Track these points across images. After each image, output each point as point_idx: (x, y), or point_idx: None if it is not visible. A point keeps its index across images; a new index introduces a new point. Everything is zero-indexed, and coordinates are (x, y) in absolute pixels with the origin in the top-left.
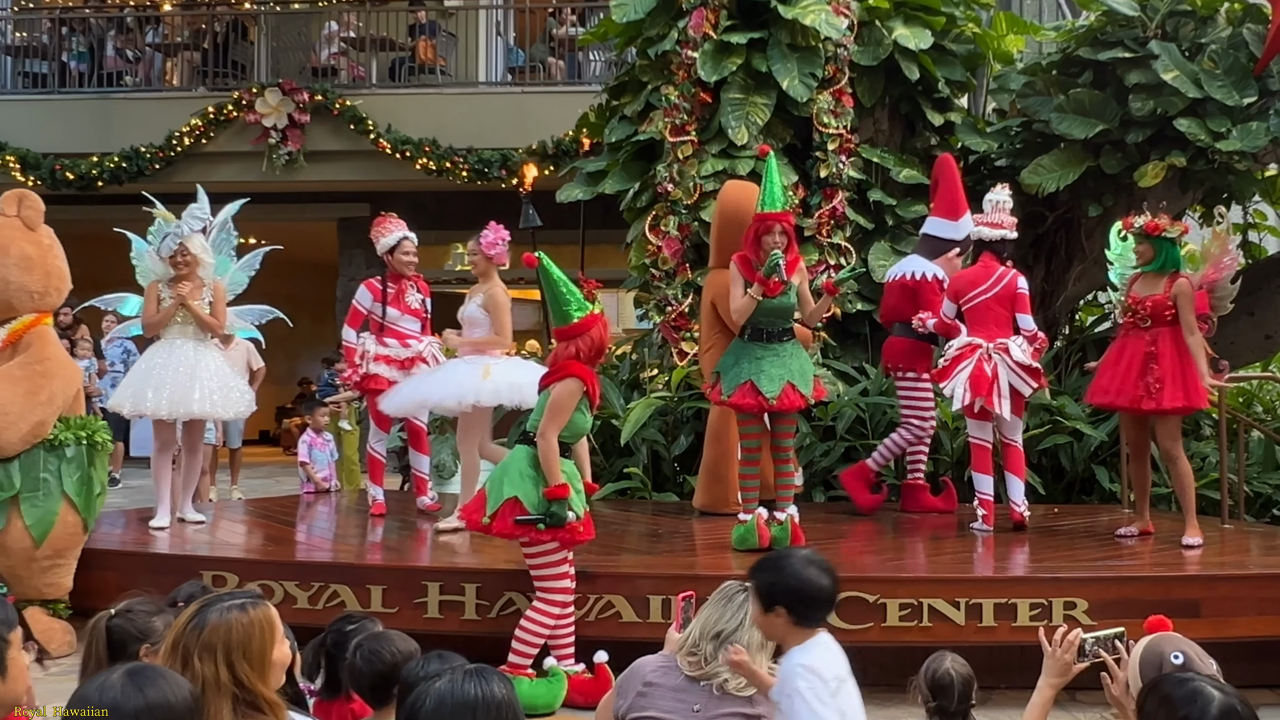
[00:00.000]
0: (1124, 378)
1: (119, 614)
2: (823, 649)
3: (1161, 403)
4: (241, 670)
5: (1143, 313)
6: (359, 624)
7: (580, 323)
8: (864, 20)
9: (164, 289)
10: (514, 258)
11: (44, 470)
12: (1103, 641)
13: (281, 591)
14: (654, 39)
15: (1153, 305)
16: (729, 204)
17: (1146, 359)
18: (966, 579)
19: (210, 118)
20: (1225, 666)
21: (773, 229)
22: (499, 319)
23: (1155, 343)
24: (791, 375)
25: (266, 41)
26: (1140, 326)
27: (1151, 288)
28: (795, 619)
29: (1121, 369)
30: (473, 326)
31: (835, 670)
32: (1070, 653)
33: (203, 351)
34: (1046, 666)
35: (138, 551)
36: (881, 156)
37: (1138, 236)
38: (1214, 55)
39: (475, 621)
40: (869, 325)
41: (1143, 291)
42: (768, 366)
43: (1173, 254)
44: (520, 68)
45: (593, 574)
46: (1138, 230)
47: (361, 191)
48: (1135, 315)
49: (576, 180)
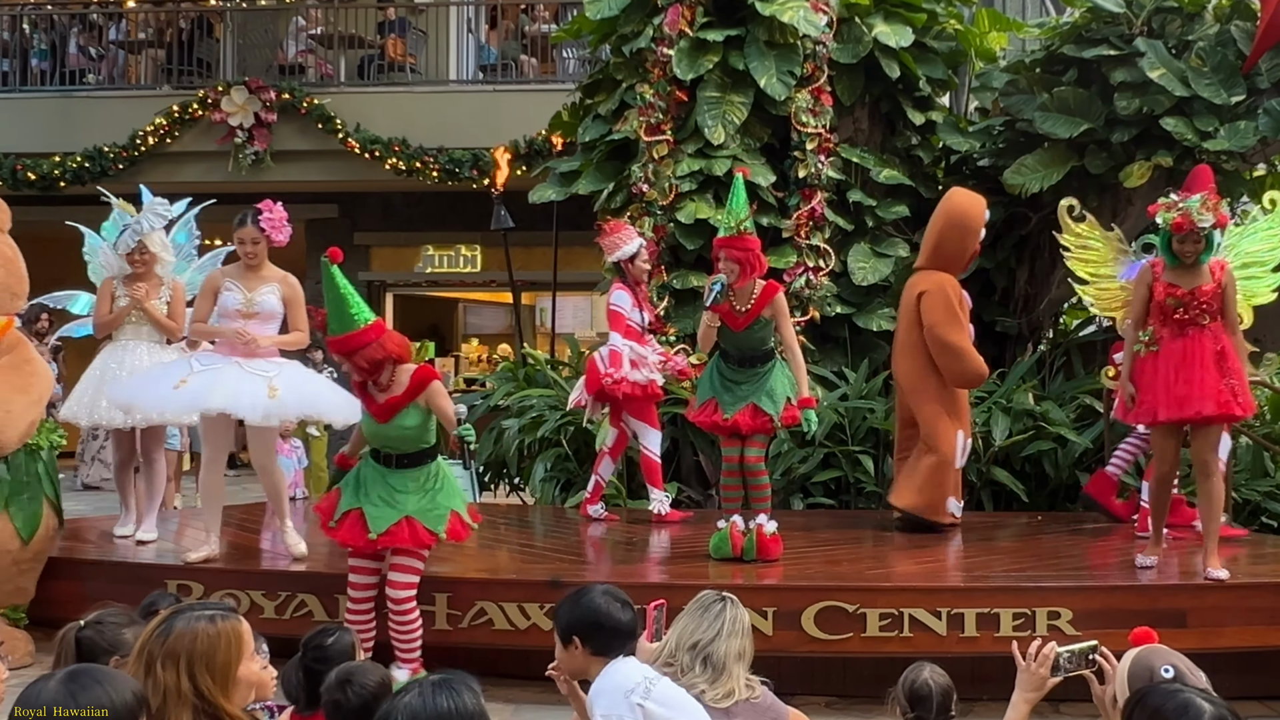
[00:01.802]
0: (1202, 382)
1: (89, 625)
2: (614, 667)
3: (1248, 407)
4: (203, 682)
5: (1199, 308)
6: (336, 636)
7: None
8: (843, 17)
9: (119, 287)
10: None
11: (27, 472)
12: (1077, 655)
13: (248, 601)
14: (629, 36)
15: (1209, 296)
16: (957, 210)
17: (1218, 358)
18: (948, 588)
19: (175, 117)
20: (1213, 678)
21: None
22: (300, 313)
23: (1218, 339)
24: (757, 397)
25: (232, 39)
26: (1200, 324)
27: (1194, 277)
28: (593, 650)
29: (1197, 373)
30: (269, 320)
31: (634, 678)
32: (1045, 666)
33: (159, 355)
34: (1021, 681)
35: (101, 560)
36: (861, 156)
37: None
38: (1201, 53)
39: (446, 632)
40: (848, 329)
41: (1184, 282)
42: (734, 388)
43: (1214, 240)
44: (492, 65)
45: (564, 583)
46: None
47: (330, 192)
48: (1194, 310)
49: (549, 180)
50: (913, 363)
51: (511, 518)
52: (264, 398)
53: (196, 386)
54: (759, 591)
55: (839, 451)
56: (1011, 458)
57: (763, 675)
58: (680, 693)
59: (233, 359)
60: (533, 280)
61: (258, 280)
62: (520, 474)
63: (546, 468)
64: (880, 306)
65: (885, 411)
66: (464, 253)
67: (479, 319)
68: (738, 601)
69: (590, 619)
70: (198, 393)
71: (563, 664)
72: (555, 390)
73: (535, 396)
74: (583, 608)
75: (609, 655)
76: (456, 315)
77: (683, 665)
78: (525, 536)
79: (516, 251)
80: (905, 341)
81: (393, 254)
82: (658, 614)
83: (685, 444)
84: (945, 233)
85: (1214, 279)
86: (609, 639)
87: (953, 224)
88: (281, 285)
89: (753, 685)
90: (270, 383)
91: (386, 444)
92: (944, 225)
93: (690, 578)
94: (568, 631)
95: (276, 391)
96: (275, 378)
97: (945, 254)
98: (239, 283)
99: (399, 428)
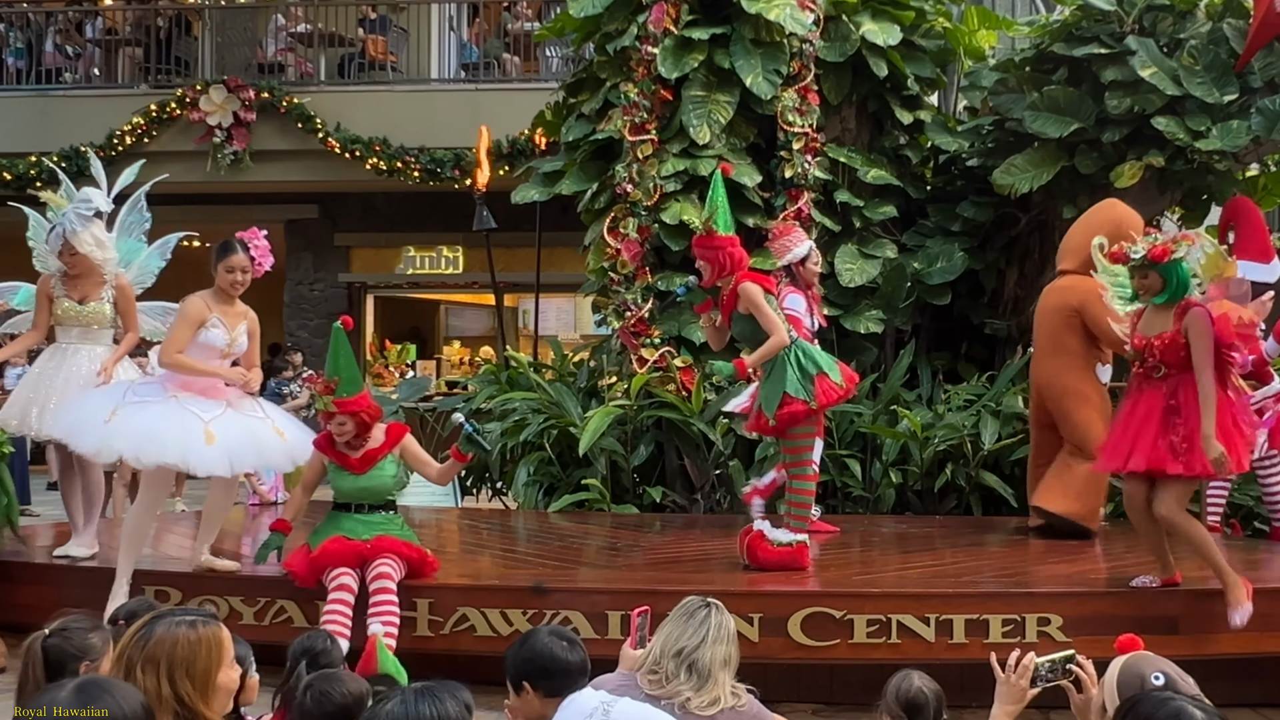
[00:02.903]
0: (1138, 434)
1: (54, 633)
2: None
3: (1192, 467)
4: (183, 688)
5: (1153, 359)
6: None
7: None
8: (830, 15)
9: (57, 286)
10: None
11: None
12: (1056, 665)
13: (227, 607)
14: (613, 34)
15: (1163, 347)
16: (1123, 220)
17: (1167, 414)
18: (937, 594)
19: (153, 116)
20: (1205, 685)
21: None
22: (257, 349)
23: (1176, 393)
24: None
25: (211, 37)
26: (1154, 377)
27: (1160, 323)
28: (545, 693)
29: (1134, 428)
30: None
31: (589, 704)
32: (1026, 677)
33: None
34: (1001, 694)
35: (74, 566)
36: (849, 156)
37: (1139, 267)
38: (1193, 51)
39: (427, 638)
40: (835, 331)
41: (1149, 329)
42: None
43: (1184, 278)
44: (474, 64)
45: (548, 589)
46: (1140, 259)
47: (310, 192)
48: (1145, 364)
49: (532, 181)
50: (1064, 367)
51: (494, 523)
52: (199, 443)
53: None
54: (744, 597)
55: (826, 456)
56: (1001, 462)
57: (749, 683)
58: (642, 708)
59: (169, 392)
60: (515, 282)
61: (236, 317)
62: (503, 478)
63: (529, 472)
64: (868, 308)
65: (873, 415)
66: (446, 254)
67: (461, 321)
68: (723, 607)
69: (538, 664)
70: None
71: (517, 711)
72: (538, 393)
73: (518, 400)
74: (529, 652)
75: (562, 696)
76: (438, 317)
77: (667, 673)
78: (508, 542)
79: (499, 252)
80: (1053, 346)
81: (373, 255)
82: (641, 621)
83: (670, 448)
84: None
85: (1176, 323)
86: (560, 681)
87: (1120, 234)
88: (248, 321)
89: (738, 693)
90: (206, 426)
91: (364, 495)
92: (1110, 235)
93: (674, 583)
94: (517, 678)
95: (213, 438)
96: (213, 421)
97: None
98: (224, 320)
99: (379, 477)
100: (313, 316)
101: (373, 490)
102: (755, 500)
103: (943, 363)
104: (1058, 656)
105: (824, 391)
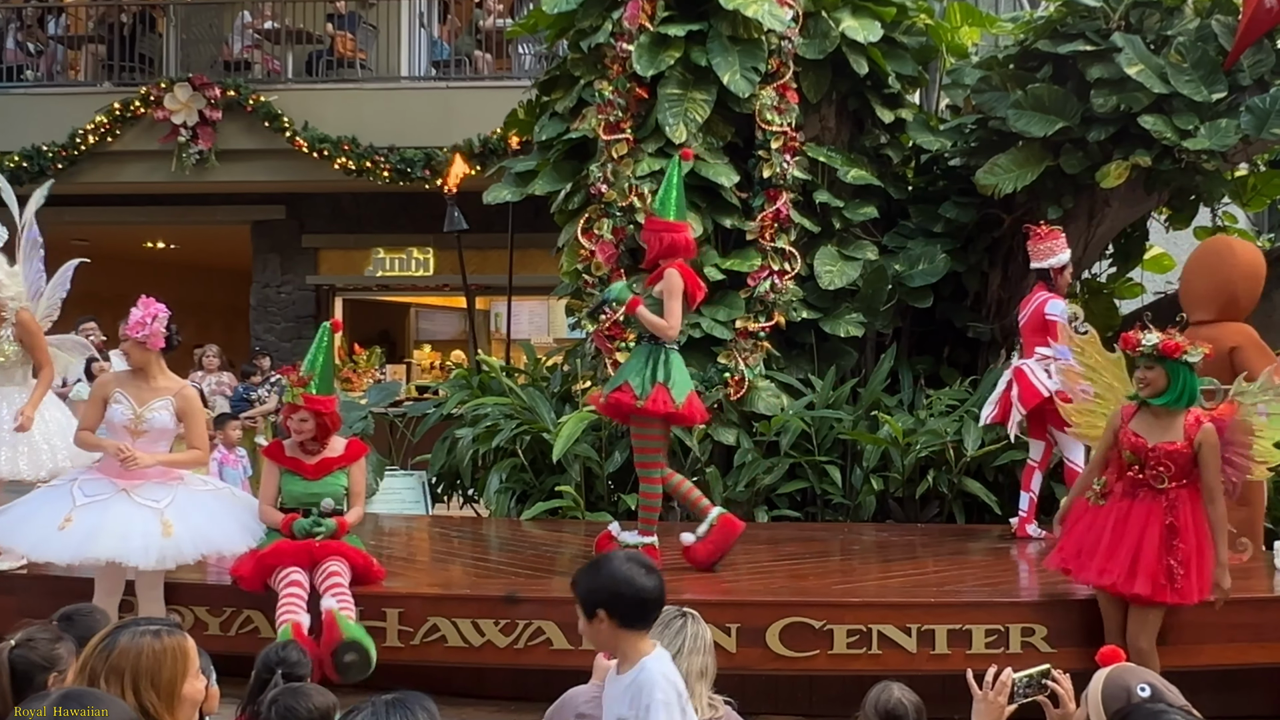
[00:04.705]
0: (1138, 552)
1: (20, 645)
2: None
3: (1188, 596)
4: (148, 698)
5: (1156, 468)
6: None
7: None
8: (809, 11)
9: None
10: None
11: None
12: (1033, 680)
13: (192, 617)
14: (587, 31)
15: (1170, 458)
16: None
17: (1167, 533)
18: (918, 604)
19: (116, 114)
20: (1193, 697)
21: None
22: (198, 428)
23: (1175, 510)
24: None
25: (176, 34)
26: (1155, 487)
27: (1160, 427)
28: (620, 622)
29: (1131, 542)
30: (159, 438)
31: (681, 687)
32: (1003, 694)
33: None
34: (978, 711)
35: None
36: (828, 156)
37: (1146, 358)
38: (1181, 48)
39: (397, 649)
40: (815, 335)
41: (1150, 434)
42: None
43: (1192, 385)
44: (445, 61)
45: (520, 598)
46: (1150, 349)
47: (277, 193)
48: (1151, 471)
49: (504, 181)
50: None
51: (465, 531)
52: (157, 537)
53: (83, 527)
54: (722, 607)
55: (805, 462)
56: (984, 468)
57: (726, 694)
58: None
59: (118, 485)
60: (487, 284)
61: (150, 392)
62: (474, 485)
63: (501, 479)
64: (848, 311)
65: (853, 421)
66: (416, 255)
67: (431, 324)
68: (699, 617)
69: (614, 587)
70: (85, 535)
71: (587, 637)
72: (511, 398)
73: (490, 405)
74: (604, 577)
75: (634, 628)
76: (408, 320)
77: None
78: (479, 550)
79: (470, 254)
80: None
81: (342, 257)
82: None
83: None
84: (1242, 286)
85: (1186, 437)
86: (634, 609)
87: (1248, 276)
88: (176, 399)
89: (715, 705)
90: (163, 515)
91: (313, 500)
92: (1240, 280)
93: None
94: (591, 604)
95: (171, 528)
96: (168, 507)
97: (1241, 306)
98: (128, 394)
99: (331, 485)
100: (280, 320)
101: (322, 497)
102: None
103: (924, 367)
104: (1034, 671)
105: (656, 399)
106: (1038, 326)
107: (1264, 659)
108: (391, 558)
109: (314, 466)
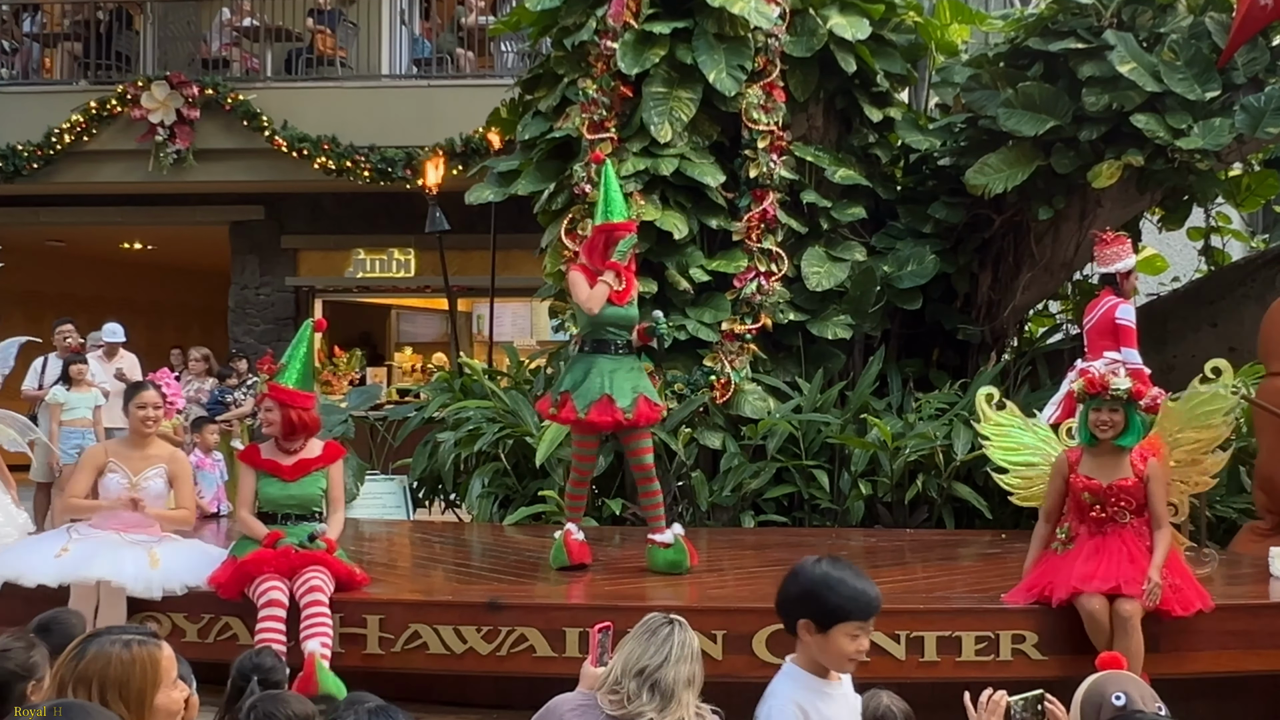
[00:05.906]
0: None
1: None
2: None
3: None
4: (116, 709)
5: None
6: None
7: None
8: (797, 8)
9: None
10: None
11: None
12: (1029, 704)
13: (169, 624)
14: (570, 28)
15: (1126, 493)
16: None
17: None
18: (907, 610)
19: (92, 113)
20: (1186, 705)
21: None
22: (187, 491)
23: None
24: (641, 389)
25: (153, 31)
26: (1119, 521)
27: (1111, 469)
28: (821, 628)
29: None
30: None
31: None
32: (997, 715)
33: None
34: None
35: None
36: (816, 155)
37: (1115, 400)
38: (1174, 46)
39: (378, 656)
40: (802, 337)
41: (1101, 475)
42: (619, 380)
43: (1144, 421)
44: (426, 59)
45: (503, 605)
46: (1121, 393)
47: (256, 193)
48: (1112, 508)
49: (487, 180)
50: None
51: (447, 536)
52: (146, 567)
53: (78, 554)
54: (708, 614)
55: (792, 466)
56: (974, 473)
57: (713, 703)
58: None
59: (110, 529)
60: (469, 286)
61: (143, 461)
62: (456, 490)
63: (484, 483)
64: (836, 313)
65: (841, 424)
66: (397, 257)
67: (413, 326)
68: (686, 624)
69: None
70: (80, 560)
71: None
72: (493, 402)
73: (472, 408)
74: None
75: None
76: (389, 322)
77: (629, 693)
78: (462, 556)
79: (452, 255)
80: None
81: (322, 258)
82: (602, 638)
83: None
84: None
85: (1135, 472)
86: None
87: None
88: (169, 465)
89: (703, 713)
90: (151, 551)
91: (291, 503)
92: None
93: (636, 599)
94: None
95: (158, 561)
96: (156, 546)
97: None
98: (123, 465)
99: (309, 487)
100: (259, 322)
101: (300, 499)
102: None
103: (913, 370)
104: (1030, 695)
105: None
106: (1106, 330)
107: (1258, 666)
108: (372, 563)
109: (291, 468)
